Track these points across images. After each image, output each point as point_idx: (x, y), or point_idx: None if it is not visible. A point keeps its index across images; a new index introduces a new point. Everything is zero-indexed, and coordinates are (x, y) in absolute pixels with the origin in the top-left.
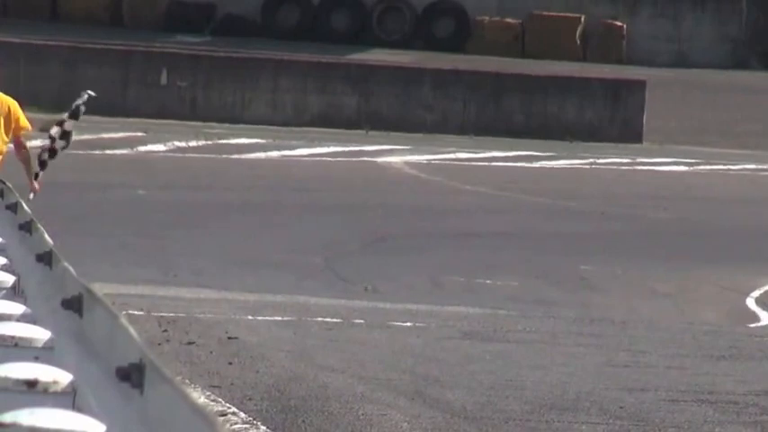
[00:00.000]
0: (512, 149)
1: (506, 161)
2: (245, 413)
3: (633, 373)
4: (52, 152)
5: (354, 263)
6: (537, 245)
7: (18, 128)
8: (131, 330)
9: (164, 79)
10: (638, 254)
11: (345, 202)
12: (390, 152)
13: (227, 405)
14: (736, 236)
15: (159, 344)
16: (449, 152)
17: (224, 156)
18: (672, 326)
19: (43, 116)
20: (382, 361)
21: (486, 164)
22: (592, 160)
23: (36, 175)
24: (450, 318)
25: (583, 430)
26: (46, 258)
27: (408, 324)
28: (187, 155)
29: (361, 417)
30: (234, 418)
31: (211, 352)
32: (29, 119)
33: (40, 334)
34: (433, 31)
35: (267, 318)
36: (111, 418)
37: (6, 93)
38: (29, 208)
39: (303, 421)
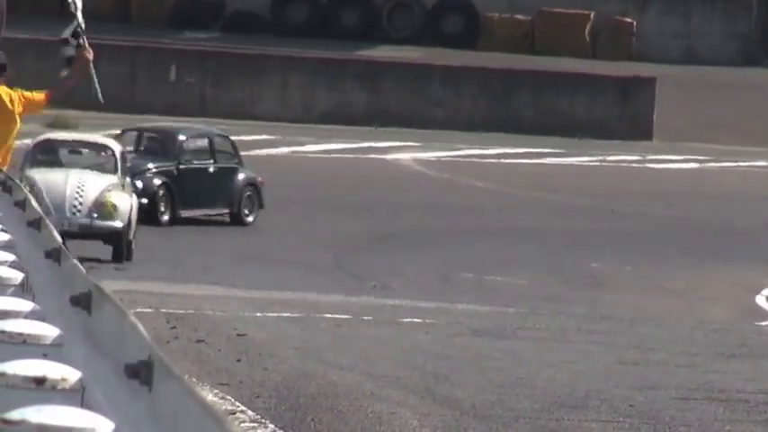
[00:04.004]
0: (521, 146)
1: (516, 158)
2: (254, 411)
3: (643, 371)
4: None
5: (363, 260)
6: (546, 242)
7: (32, 104)
8: (140, 327)
9: (172, 76)
10: (647, 251)
11: (354, 199)
12: (399, 149)
13: (236, 403)
14: (747, 233)
15: (168, 341)
16: (458, 149)
17: None
18: (682, 324)
19: (50, 113)
20: (392, 358)
21: (496, 161)
22: (602, 157)
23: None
24: (459, 315)
25: (593, 428)
26: (54, 255)
27: (418, 321)
28: None
29: (371, 415)
30: (242, 416)
31: (220, 349)
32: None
33: (48, 331)
34: (443, 27)
35: (276, 314)
36: (119, 416)
37: (12, 88)
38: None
39: (312, 419)
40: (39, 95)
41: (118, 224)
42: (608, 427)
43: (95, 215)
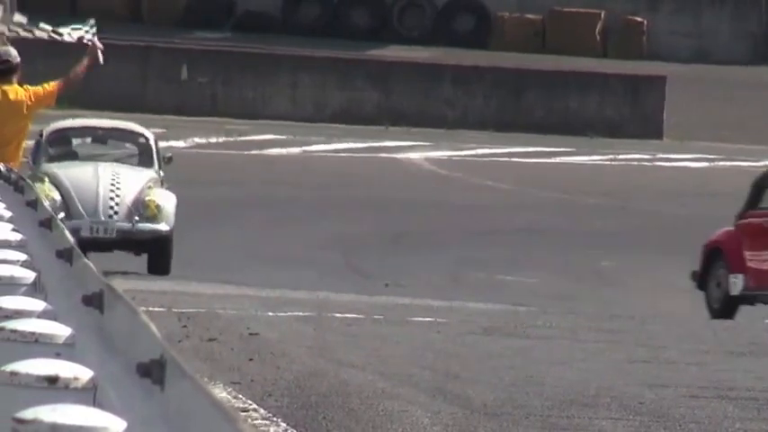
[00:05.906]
0: (532, 145)
1: (527, 157)
2: (266, 410)
3: (653, 369)
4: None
5: (374, 259)
6: (557, 241)
7: (45, 97)
8: (152, 326)
9: (184, 75)
10: (658, 249)
11: (365, 198)
12: (411, 148)
13: (248, 402)
14: None
15: (180, 340)
16: (469, 148)
17: (244, 152)
18: (691, 322)
19: (61, 113)
20: (403, 357)
21: (507, 160)
22: (612, 156)
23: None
24: (470, 314)
25: (603, 426)
26: (66, 255)
27: (429, 320)
28: (207, 151)
29: (382, 413)
30: (254, 415)
31: (232, 348)
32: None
33: (60, 330)
34: (454, 27)
35: (288, 314)
36: (131, 415)
37: (22, 85)
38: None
39: (324, 418)
40: (50, 87)
41: (164, 227)
42: (618, 425)
43: (136, 218)
